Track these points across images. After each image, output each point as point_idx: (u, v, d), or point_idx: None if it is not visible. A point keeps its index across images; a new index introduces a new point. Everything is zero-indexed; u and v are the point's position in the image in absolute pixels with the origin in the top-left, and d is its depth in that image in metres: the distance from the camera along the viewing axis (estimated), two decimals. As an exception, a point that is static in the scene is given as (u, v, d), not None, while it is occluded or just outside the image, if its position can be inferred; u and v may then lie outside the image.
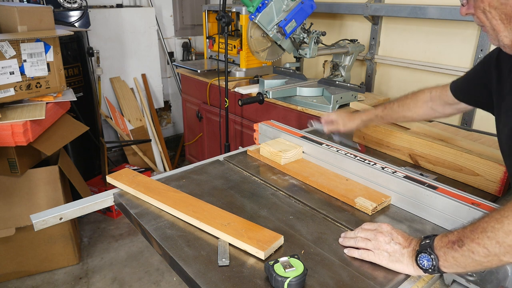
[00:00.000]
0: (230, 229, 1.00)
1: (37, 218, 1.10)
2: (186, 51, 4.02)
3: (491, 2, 0.82)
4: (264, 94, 2.17)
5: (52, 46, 2.07)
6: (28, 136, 1.88)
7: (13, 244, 2.23)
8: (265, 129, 1.62)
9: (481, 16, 0.87)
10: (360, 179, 1.26)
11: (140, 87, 3.71)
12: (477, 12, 0.87)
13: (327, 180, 1.28)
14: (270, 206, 1.17)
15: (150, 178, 1.28)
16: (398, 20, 2.48)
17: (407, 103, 1.39)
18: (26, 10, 2.02)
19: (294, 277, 0.81)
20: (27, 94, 2.02)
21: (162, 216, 1.11)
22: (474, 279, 0.85)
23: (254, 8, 2.18)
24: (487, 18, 0.85)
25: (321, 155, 1.39)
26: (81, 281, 2.35)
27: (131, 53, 3.59)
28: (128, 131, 3.48)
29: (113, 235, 2.79)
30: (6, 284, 2.30)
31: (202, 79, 2.94)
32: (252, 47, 2.44)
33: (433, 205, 1.08)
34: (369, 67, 2.67)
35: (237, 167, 1.43)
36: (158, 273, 2.43)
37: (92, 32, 3.17)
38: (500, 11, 0.82)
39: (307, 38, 2.31)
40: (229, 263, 0.91)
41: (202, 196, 1.20)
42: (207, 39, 3.04)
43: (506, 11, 0.81)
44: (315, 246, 0.98)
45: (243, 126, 2.72)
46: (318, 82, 2.38)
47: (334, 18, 2.85)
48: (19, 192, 2.18)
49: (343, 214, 1.13)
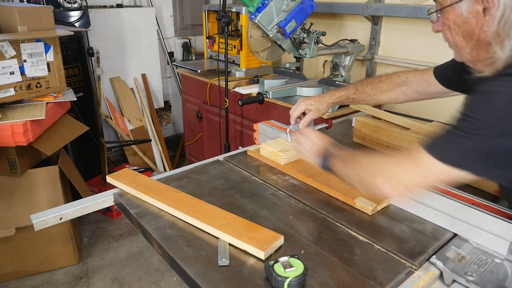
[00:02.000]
0: (230, 229, 1.00)
1: (37, 218, 1.10)
2: (186, 51, 4.02)
3: (455, 20, 0.88)
4: (264, 94, 2.17)
5: (52, 46, 2.07)
6: (28, 136, 1.88)
7: (13, 244, 2.23)
8: (265, 129, 1.62)
9: (447, 33, 0.93)
10: (360, 179, 1.26)
11: (140, 87, 3.71)
12: (444, 29, 0.93)
13: (327, 180, 1.28)
14: (270, 206, 1.17)
15: (150, 178, 1.28)
16: (398, 20, 2.48)
17: (380, 86, 1.38)
18: (26, 10, 2.02)
19: (294, 277, 0.81)
20: (27, 94, 2.02)
21: (162, 216, 1.11)
22: (474, 279, 0.85)
23: (254, 8, 2.18)
24: (451, 35, 0.92)
25: (321, 155, 1.38)
26: (81, 281, 2.35)
27: (131, 53, 3.59)
28: (128, 131, 3.48)
29: (113, 235, 2.79)
30: (6, 284, 2.30)
31: (202, 79, 2.94)
32: (252, 47, 2.44)
33: (433, 205, 1.08)
34: (369, 67, 2.67)
35: (237, 167, 1.43)
36: (158, 273, 2.43)
37: (92, 32, 3.17)
38: (462, 29, 0.88)
39: (307, 38, 2.31)
40: (229, 263, 0.91)
41: (202, 196, 1.20)
42: (207, 39, 3.04)
43: (467, 29, 0.87)
44: (315, 246, 0.98)
45: (243, 126, 2.72)
46: (318, 82, 2.38)
47: (334, 18, 2.85)
48: (19, 192, 2.18)
49: (343, 214, 1.13)
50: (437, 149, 0.82)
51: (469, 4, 0.84)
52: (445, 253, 0.95)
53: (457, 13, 0.87)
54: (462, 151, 0.78)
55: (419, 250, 0.97)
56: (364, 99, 1.42)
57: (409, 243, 1.00)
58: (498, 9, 0.79)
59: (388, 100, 1.40)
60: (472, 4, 0.84)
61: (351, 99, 1.43)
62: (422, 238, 1.02)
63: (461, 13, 0.86)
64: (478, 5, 0.82)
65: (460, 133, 0.78)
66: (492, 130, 0.75)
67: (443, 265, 0.90)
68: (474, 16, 0.84)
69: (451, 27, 0.90)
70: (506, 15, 0.79)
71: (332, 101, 1.42)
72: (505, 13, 0.79)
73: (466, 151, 0.78)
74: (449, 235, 1.03)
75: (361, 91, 1.41)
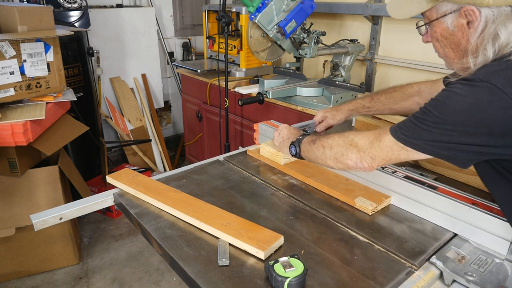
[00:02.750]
0: (230, 229, 1.00)
1: (37, 218, 1.10)
2: (186, 51, 4.02)
3: (442, 33, 0.95)
4: (264, 94, 2.16)
5: (52, 46, 2.07)
6: (28, 136, 1.88)
7: (13, 244, 2.23)
8: (265, 129, 1.62)
9: (436, 44, 1.00)
10: (360, 179, 1.26)
11: (140, 87, 3.71)
12: (433, 40, 1.00)
13: (327, 180, 1.28)
14: (270, 206, 1.17)
15: (150, 178, 1.28)
16: (398, 20, 2.47)
17: (394, 96, 1.43)
18: (26, 10, 2.02)
19: (294, 277, 0.81)
20: (27, 94, 2.02)
21: (162, 216, 1.11)
22: (474, 279, 0.85)
23: (254, 8, 2.18)
24: (440, 46, 0.99)
25: (321, 155, 1.38)
26: (81, 281, 2.35)
27: (131, 53, 3.59)
28: (128, 131, 3.48)
29: (113, 235, 2.79)
30: (6, 284, 2.30)
31: (202, 79, 2.94)
32: (252, 47, 2.44)
33: (433, 205, 1.08)
34: (369, 67, 2.67)
35: (237, 167, 1.43)
36: (158, 273, 2.43)
37: (92, 32, 3.17)
38: (449, 41, 0.95)
39: (307, 38, 2.31)
40: (229, 263, 0.91)
41: (202, 196, 1.20)
42: (207, 39, 3.04)
43: (454, 41, 0.94)
44: (315, 246, 0.98)
45: (243, 126, 2.72)
46: (318, 82, 2.38)
47: (334, 18, 2.85)
48: (19, 192, 2.18)
49: (343, 214, 1.13)
50: (399, 132, 0.93)
51: (454, 18, 0.91)
52: (445, 253, 0.95)
53: (443, 26, 0.94)
54: (418, 137, 0.89)
55: (419, 250, 0.97)
56: (378, 108, 1.48)
57: (409, 243, 1.00)
58: (480, 23, 0.86)
59: (402, 110, 1.44)
60: (456, 18, 0.90)
61: (367, 108, 1.50)
62: (422, 238, 1.02)
63: (447, 27, 0.93)
64: (462, 19, 0.89)
65: (419, 124, 0.88)
66: (444, 125, 0.84)
67: (443, 265, 0.90)
68: (460, 29, 0.91)
69: (439, 39, 0.97)
70: (487, 28, 0.85)
71: (348, 109, 1.53)
72: (487, 26, 0.85)
73: (421, 138, 0.88)
74: (449, 235, 1.03)
75: (376, 100, 1.47)
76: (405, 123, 0.92)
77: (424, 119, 0.87)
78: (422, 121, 0.87)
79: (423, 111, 0.88)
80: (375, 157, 0.98)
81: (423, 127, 0.87)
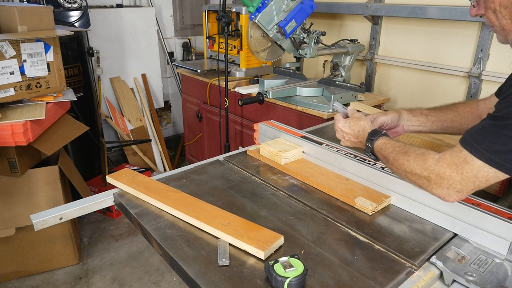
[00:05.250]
0: (230, 229, 1.00)
1: (37, 218, 1.10)
2: (186, 51, 4.02)
3: (502, 2, 0.85)
4: (264, 94, 2.16)
5: (52, 46, 2.07)
6: (28, 136, 1.88)
7: (13, 244, 2.23)
8: (265, 129, 1.62)
9: (491, 17, 0.90)
10: (360, 179, 1.26)
11: (140, 87, 3.71)
12: (488, 12, 0.90)
13: (327, 180, 1.28)
14: (270, 206, 1.17)
15: (150, 178, 1.28)
16: (398, 20, 2.48)
17: (456, 106, 1.26)
18: (26, 10, 2.02)
19: (294, 277, 0.81)
20: (27, 94, 2.02)
21: (162, 216, 1.11)
22: (474, 279, 0.85)
23: (254, 8, 2.18)
24: (497, 18, 0.89)
25: (321, 155, 1.38)
26: (81, 281, 2.35)
27: (131, 53, 3.59)
28: (128, 131, 3.48)
29: (113, 235, 2.79)
30: (6, 284, 2.30)
31: (202, 79, 2.94)
32: (252, 47, 2.44)
33: (433, 205, 1.08)
34: (369, 67, 2.67)
35: (237, 167, 1.43)
36: (158, 273, 2.43)
37: (92, 32, 3.17)
38: (510, 11, 0.85)
39: (307, 38, 2.31)
40: (229, 263, 0.91)
41: (202, 196, 1.20)
42: (207, 39, 3.04)
43: None
44: (315, 246, 0.98)
45: (243, 126, 2.72)
46: (318, 82, 2.38)
47: (334, 18, 2.85)
48: (19, 192, 2.18)
49: (343, 214, 1.13)
50: (481, 150, 0.80)
51: None
52: (445, 253, 0.95)
53: None
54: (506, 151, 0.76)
55: (419, 250, 0.97)
56: (439, 126, 1.28)
57: (409, 243, 1.00)
58: None
59: (465, 124, 1.25)
60: None
61: (425, 115, 1.29)
62: (422, 238, 1.02)
63: None
64: None
65: (502, 132, 0.76)
66: None
67: (443, 265, 0.90)
68: None
69: (496, 10, 0.88)
70: None
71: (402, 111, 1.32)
72: None
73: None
74: (449, 235, 1.03)
75: (426, 113, 1.29)
76: (483, 134, 0.81)
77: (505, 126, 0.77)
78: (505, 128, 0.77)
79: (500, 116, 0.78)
80: (462, 191, 0.88)
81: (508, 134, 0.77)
